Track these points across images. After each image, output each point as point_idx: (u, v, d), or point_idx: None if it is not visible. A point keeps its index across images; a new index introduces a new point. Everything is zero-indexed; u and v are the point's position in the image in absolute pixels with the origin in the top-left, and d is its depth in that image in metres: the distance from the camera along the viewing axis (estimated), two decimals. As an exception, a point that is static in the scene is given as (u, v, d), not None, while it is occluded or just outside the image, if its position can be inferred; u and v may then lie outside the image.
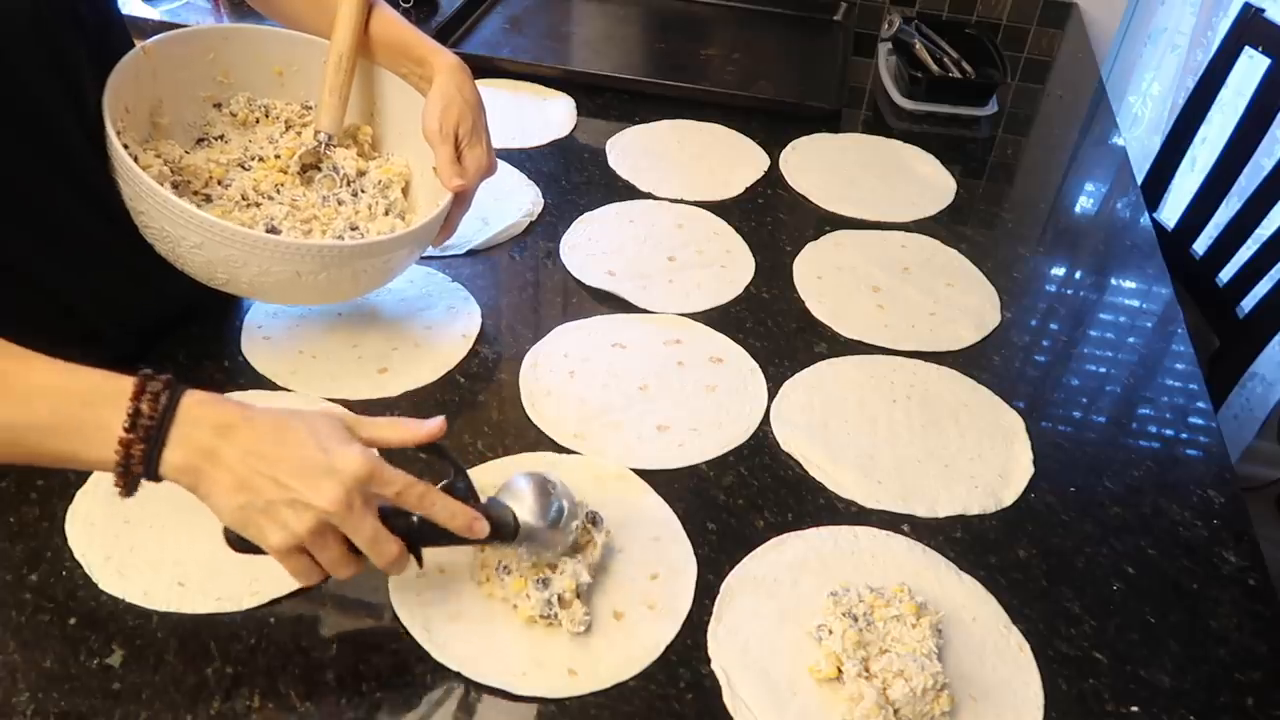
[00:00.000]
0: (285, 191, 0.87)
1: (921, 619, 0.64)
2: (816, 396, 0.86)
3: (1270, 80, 1.38)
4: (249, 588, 0.65)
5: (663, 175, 1.17)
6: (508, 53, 1.45)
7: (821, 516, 0.75)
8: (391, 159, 0.94)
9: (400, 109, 0.92)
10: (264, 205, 0.85)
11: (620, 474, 0.76)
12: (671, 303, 0.96)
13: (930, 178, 1.24)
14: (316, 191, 0.88)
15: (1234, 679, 0.66)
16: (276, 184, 0.87)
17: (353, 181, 0.89)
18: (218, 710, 0.59)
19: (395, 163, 0.93)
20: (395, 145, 0.94)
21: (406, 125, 0.90)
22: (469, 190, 0.86)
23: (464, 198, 0.86)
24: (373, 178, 0.90)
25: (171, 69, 0.85)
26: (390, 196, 0.90)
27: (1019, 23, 1.72)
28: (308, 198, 0.87)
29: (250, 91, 0.91)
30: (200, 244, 0.73)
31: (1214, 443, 0.86)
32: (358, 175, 0.90)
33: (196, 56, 0.87)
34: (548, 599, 0.63)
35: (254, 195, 0.85)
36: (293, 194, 0.87)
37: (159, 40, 0.83)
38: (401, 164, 0.93)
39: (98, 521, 0.69)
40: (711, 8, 1.69)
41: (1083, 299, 1.04)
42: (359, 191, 0.89)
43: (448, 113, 0.84)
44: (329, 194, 0.88)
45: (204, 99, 0.90)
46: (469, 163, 0.85)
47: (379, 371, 0.84)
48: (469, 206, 0.88)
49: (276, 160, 0.88)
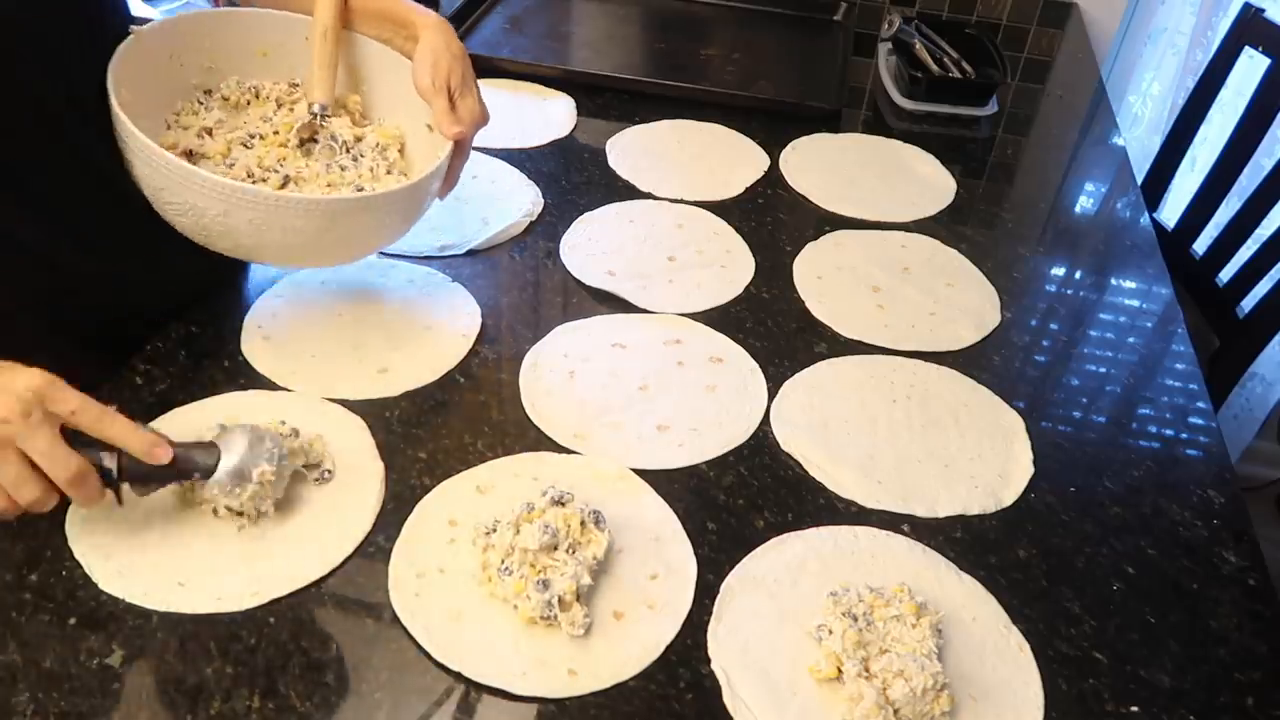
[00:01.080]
0: (288, 164, 0.89)
1: (921, 619, 0.64)
2: (816, 396, 0.86)
3: (1270, 80, 1.38)
4: (249, 588, 0.65)
5: (663, 175, 1.17)
6: (508, 53, 1.45)
7: (821, 516, 0.75)
8: (383, 123, 0.96)
9: (385, 75, 0.94)
10: (270, 179, 0.87)
11: (620, 474, 0.76)
12: (671, 303, 0.96)
13: (930, 178, 1.24)
14: (319, 161, 0.90)
15: (1234, 679, 0.66)
16: (279, 159, 0.89)
17: (351, 148, 0.91)
18: (218, 710, 0.59)
19: (388, 126, 0.95)
20: (384, 110, 0.97)
21: (393, 90, 0.94)
22: (467, 138, 0.88)
23: (463, 147, 0.88)
24: (370, 142, 0.93)
25: (164, 56, 0.87)
26: (389, 158, 0.93)
27: (1019, 23, 1.72)
28: (312, 168, 0.89)
29: (238, 75, 0.93)
30: (225, 211, 0.75)
31: (1214, 443, 0.86)
32: (355, 141, 0.92)
33: (186, 43, 0.89)
34: (548, 600, 0.63)
35: (259, 171, 0.87)
36: (296, 166, 0.89)
37: (150, 28, 0.84)
38: (394, 127, 0.95)
39: (98, 521, 0.68)
40: (711, 8, 1.69)
41: (1083, 299, 1.04)
42: (359, 156, 0.91)
43: (438, 67, 0.86)
44: (331, 162, 0.90)
45: (194, 86, 0.91)
46: (464, 112, 0.87)
47: (379, 371, 0.84)
48: (468, 156, 0.90)
49: (275, 136, 0.90)
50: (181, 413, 0.78)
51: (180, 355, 0.84)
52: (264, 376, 0.83)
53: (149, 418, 0.76)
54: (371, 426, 0.78)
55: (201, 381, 0.81)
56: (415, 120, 0.92)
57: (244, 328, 0.87)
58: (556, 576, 0.64)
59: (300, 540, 0.69)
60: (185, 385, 0.81)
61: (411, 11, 0.90)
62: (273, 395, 0.81)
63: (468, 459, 0.77)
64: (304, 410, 0.79)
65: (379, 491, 0.73)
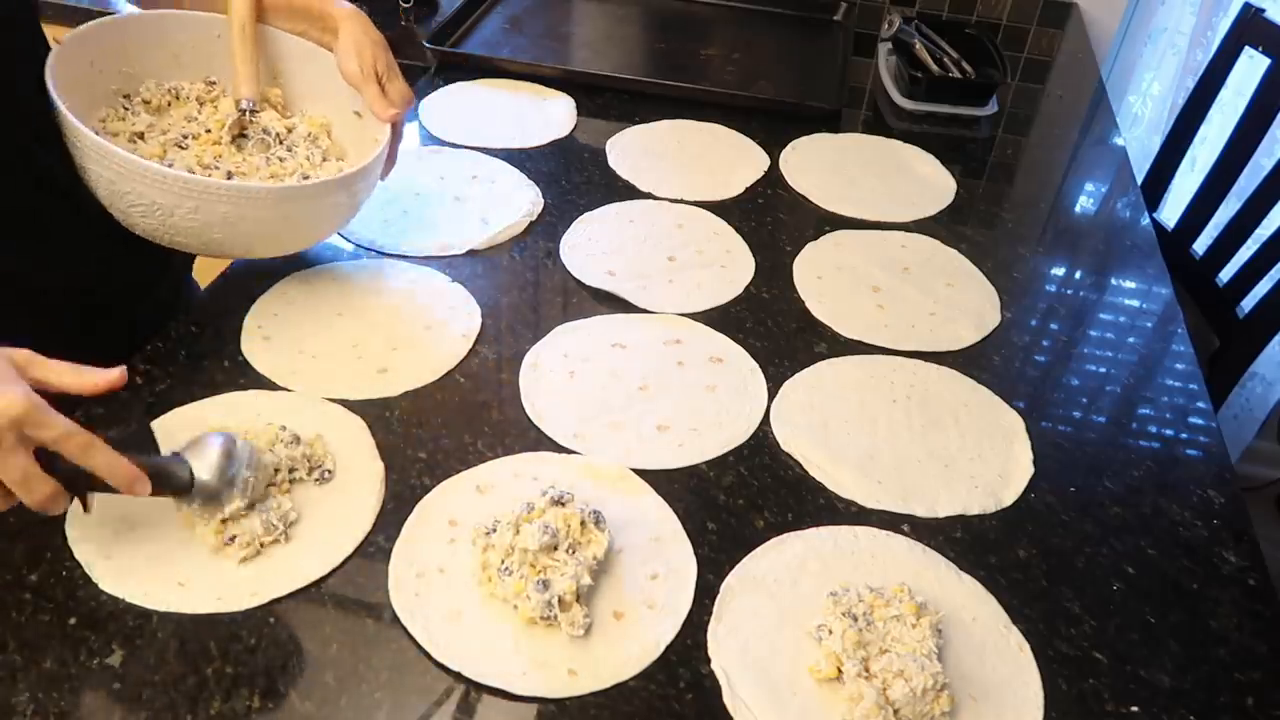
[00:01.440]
0: (225, 160, 0.91)
1: (921, 619, 0.64)
2: (816, 396, 0.86)
3: (1270, 80, 1.38)
4: (249, 588, 0.65)
5: (663, 175, 1.17)
6: (508, 53, 1.45)
7: (821, 516, 0.75)
8: (306, 113, 0.99)
9: (302, 66, 0.97)
10: (214, 175, 0.88)
11: (620, 474, 0.76)
12: (671, 303, 0.96)
13: (930, 178, 1.24)
14: (256, 155, 0.92)
15: (1234, 679, 0.66)
16: (215, 155, 0.91)
17: (284, 139, 0.94)
18: (218, 710, 0.59)
19: (315, 116, 0.98)
20: (305, 101, 0.99)
21: (312, 81, 0.97)
22: (400, 120, 0.93)
23: (397, 128, 0.93)
24: (300, 132, 0.96)
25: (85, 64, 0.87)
26: (322, 145, 0.96)
27: (1019, 23, 1.72)
28: (250, 161, 0.91)
29: (154, 77, 0.93)
30: (196, 208, 0.78)
31: (1214, 443, 0.86)
32: (287, 133, 0.95)
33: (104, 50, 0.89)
34: (548, 600, 0.63)
35: (200, 170, 0.89)
36: (234, 161, 0.91)
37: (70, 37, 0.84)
38: (320, 116, 0.98)
39: (98, 521, 0.68)
40: (711, 8, 1.69)
41: (1083, 299, 1.04)
42: (292, 147, 0.94)
43: (364, 55, 0.90)
44: (268, 155, 0.92)
45: (114, 92, 0.91)
46: (394, 95, 0.92)
47: (379, 371, 0.84)
48: (402, 137, 0.95)
49: (208, 135, 0.91)
50: (181, 413, 0.78)
51: (180, 355, 0.84)
52: (264, 376, 0.83)
53: (149, 418, 0.76)
54: (371, 426, 0.78)
55: (201, 381, 0.81)
56: (336, 109, 0.97)
57: (244, 328, 0.87)
58: (556, 576, 0.64)
59: (300, 540, 0.69)
60: (185, 385, 0.81)
61: (326, 4, 0.93)
62: (273, 395, 0.81)
63: (468, 459, 0.77)
64: (304, 410, 0.79)
65: (379, 491, 0.73)
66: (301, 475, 0.72)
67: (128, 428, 0.64)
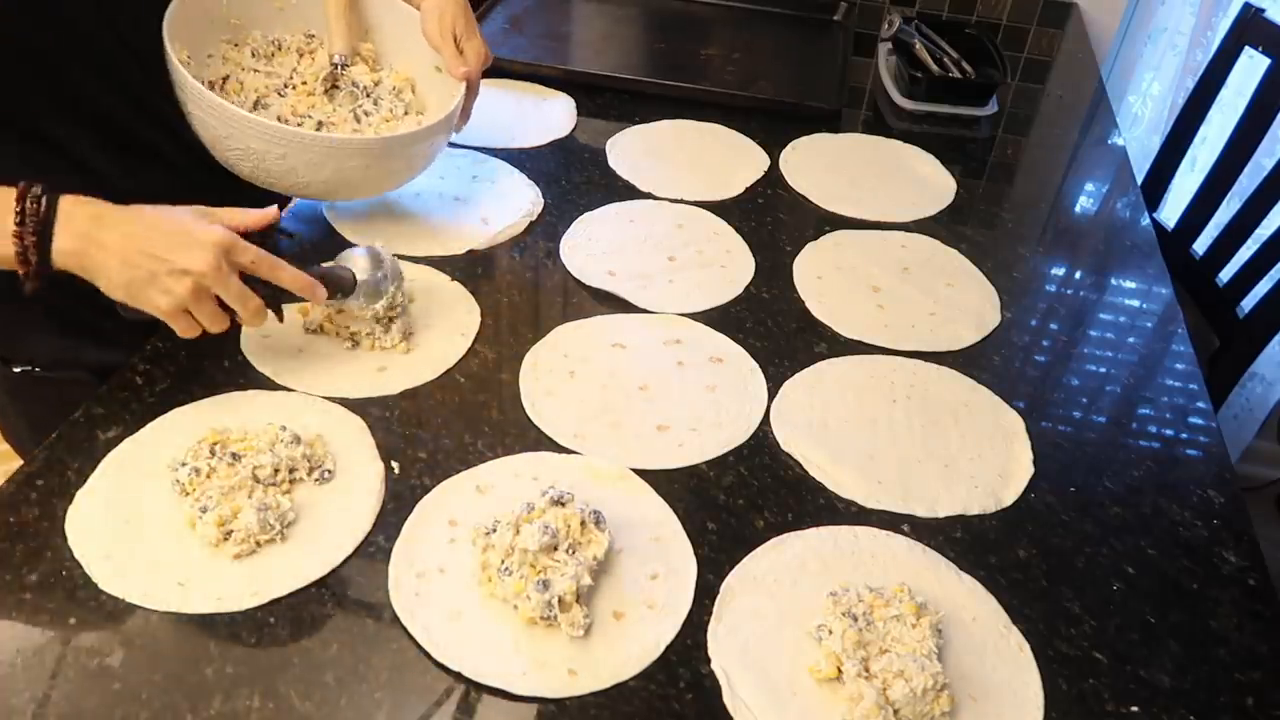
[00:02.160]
0: (318, 110, 1.00)
1: (921, 619, 0.64)
2: (816, 396, 0.86)
3: (1270, 80, 1.38)
4: (249, 588, 0.65)
5: (663, 175, 1.17)
6: (508, 53, 1.45)
7: (821, 516, 0.75)
8: (394, 68, 1.07)
9: (391, 23, 1.06)
10: (305, 124, 0.97)
11: (620, 474, 0.76)
12: (671, 303, 0.96)
13: (930, 178, 1.24)
14: (345, 105, 1.01)
15: (1234, 679, 0.66)
16: (309, 106, 1.00)
17: (371, 92, 1.03)
18: (218, 710, 0.59)
19: (400, 71, 1.06)
20: (393, 56, 1.07)
21: (399, 37, 1.05)
22: (475, 78, 1.00)
23: (472, 85, 1.01)
24: (386, 86, 1.04)
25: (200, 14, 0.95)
26: (405, 100, 1.05)
27: (1019, 23, 1.72)
28: (339, 112, 1.00)
29: (260, 29, 1.02)
30: (284, 154, 0.87)
31: (1214, 443, 0.86)
32: (374, 86, 1.03)
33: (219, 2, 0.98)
34: (548, 600, 0.63)
35: (293, 119, 0.98)
36: (325, 111, 1.00)
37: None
38: (405, 70, 1.06)
39: (98, 521, 0.68)
40: (711, 8, 1.69)
41: (1083, 299, 1.04)
42: (378, 100, 1.03)
43: (444, 18, 0.99)
44: (355, 106, 1.01)
45: (225, 41, 1.00)
46: (470, 54, 1.00)
47: (378, 371, 0.84)
48: (478, 93, 1.02)
49: (304, 86, 1.00)
50: (181, 412, 0.78)
51: (180, 355, 0.84)
52: (264, 376, 0.83)
53: (150, 418, 0.76)
54: (371, 426, 0.78)
55: (201, 381, 0.81)
56: (423, 64, 1.05)
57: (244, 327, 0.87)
58: (556, 577, 0.64)
59: (300, 540, 0.69)
60: (185, 385, 0.81)
61: None
62: (273, 395, 0.81)
63: (468, 459, 0.77)
64: (304, 410, 0.79)
65: (379, 491, 0.73)
66: (301, 475, 0.72)
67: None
